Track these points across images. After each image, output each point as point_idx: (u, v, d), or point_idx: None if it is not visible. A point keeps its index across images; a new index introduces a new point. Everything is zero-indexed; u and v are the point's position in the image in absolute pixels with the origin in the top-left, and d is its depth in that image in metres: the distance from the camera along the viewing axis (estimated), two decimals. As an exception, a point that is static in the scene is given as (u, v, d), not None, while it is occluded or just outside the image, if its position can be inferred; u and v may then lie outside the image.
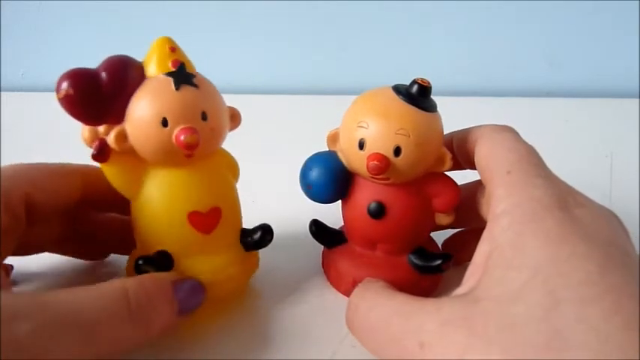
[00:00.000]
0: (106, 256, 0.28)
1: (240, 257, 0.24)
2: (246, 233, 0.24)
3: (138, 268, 0.22)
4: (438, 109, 0.23)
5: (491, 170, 0.21)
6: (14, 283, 0.26)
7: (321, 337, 0.23)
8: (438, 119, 0.23)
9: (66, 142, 0.21)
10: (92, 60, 0.21)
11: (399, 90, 0.22)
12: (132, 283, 0.20)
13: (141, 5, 0.55)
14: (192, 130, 0.21)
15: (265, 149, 0.24)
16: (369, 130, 0.22)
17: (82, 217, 0.25)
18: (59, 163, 0.24)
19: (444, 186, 0.23)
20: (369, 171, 0.22)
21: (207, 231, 0.23)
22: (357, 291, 0.22)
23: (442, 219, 0.24)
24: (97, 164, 0.22)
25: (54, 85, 0.20)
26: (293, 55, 0.57)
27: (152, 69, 0.22)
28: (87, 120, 0.21)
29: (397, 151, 0.22)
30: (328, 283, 0.26)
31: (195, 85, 0.22)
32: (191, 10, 0.55)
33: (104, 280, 0.25)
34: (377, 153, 0.22)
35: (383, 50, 0.56)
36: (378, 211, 0.23)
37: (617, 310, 0.15)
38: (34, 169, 0.22)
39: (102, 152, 0.21)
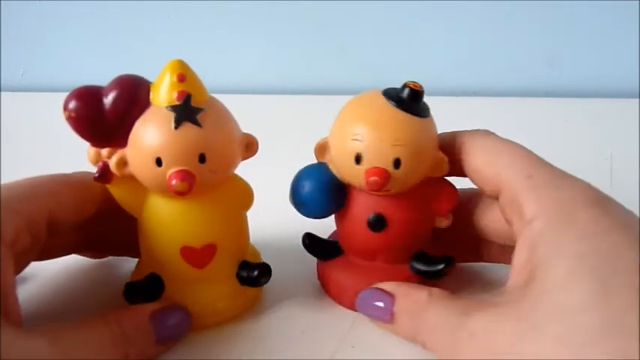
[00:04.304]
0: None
1: (233, 291, 0.24)
2: (245, 266, 0.24)
3: (125, 294, 0.22)
4: (438, 109, 0.23)
5: (505, 177, 0.20)
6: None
7: (321, 337, 0.23)
8: (432, 124, 0.22)
9: (66, 142, 0.21)
10: (91, 60, 0.21)
11: (389, 95, 0.22)
12: (112, 317, 0.21)
13: (141, 5, 0.55)
14: (184, 176, 0.20)
15: (265, 150, 0.24)
16: (365, 144, 0.21)
17: (96, 225, 0.25)
18: (80, 174, 0.24)
19: (442, 188, 0.23)
20: (370, 188, 0.21)
21: (199, 266, 0.23)
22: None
23: (441, 222, 0.24)
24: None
25: (54, 85, 0.20)
26: (293, 55, 0.57)
27: (159, 96, 0.21)
28: (92, 142, 0.21)
29: (397, 163, 0.21)
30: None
31: (197, 124, 0.20)
32: (191, 9, 0.55)
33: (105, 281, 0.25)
34: (376, 168, 0.21)
35: (383, 50, 0.55)
36: (379, 224, 0.23)
37: None
38: (58, 184, 0.22)
39: (103, 176, 0.21)
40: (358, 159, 0.21)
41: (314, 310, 0.25)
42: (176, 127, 0.20)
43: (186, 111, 0.20)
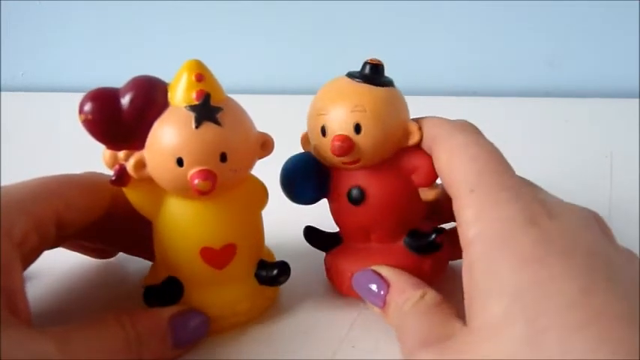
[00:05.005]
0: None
1: (252, 291, 0.24)
2: (263, 265, 0.24)
3: (145, 298, 0.22)
4: (438, 109, 0.23)
5: (455, 186, 0.20)
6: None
7: (321, 337, 0.23)
8: (397, 93, 0.23)
9: (66, 142, 0.21)
10: (91, 60, 0.21)
11: (352, 75, 0.23)
12: (127, 320, 0.20)
13: (141, 5, 0.55)
14: (206, 175, 0.20)
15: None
16: (328, 116, 0.22)
17: (105, 225, 0.25)
18: (90, 175, 0.23)
19: (419, 159, 0.23)
20: (334, 153, 0.22)
21: (219, 267, 0.23)
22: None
23: (427, 194, 0.24)
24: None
25: (54, 85, 0.20)
26: (293, 55, 0.57)
27: (177, 96, 0.21)
28: (108, 144, 0.21)
29: (357, 128, 0.22)
30: (328, 283, 0.26)
31: (218, 123, 0.20)
32: (191, 9, 0.55)
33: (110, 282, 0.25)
34: (338, 134, 0.22)
35: (383, 50, 0.55)
36: (358, 196, 0.23)
37: (604, 338, 0.14)
38: (67, 185, 0.22)
39: (120, 179, 0.21)
40: (324, 131, 0.22)
41: (314, 309, 0.25)
42: (197, 127, 0.20)
43: (206, 110, 0.20)
